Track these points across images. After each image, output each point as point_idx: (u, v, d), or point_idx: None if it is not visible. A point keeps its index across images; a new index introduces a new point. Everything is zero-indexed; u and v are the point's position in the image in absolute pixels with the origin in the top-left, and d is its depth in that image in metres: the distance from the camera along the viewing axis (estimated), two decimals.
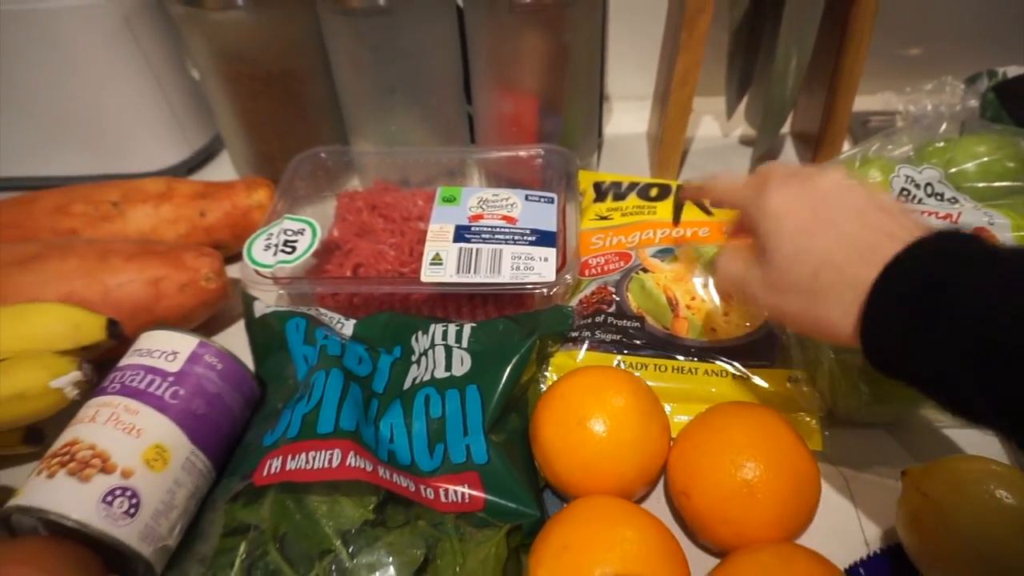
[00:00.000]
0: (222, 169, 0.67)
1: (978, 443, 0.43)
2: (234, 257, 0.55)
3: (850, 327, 0.31)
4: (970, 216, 0.46)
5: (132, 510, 0.35)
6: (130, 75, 0.59)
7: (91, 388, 0.41)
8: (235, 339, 0.48)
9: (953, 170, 0.50)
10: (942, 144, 0.52)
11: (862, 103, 0.67)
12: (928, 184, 0.48)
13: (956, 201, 0.48)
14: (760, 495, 0.35)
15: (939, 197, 0.48)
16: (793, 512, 0.36)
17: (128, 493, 0.35)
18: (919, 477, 0.37)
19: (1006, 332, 0.26)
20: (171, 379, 0.39)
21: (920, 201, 0.47)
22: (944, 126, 0.53)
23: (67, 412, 0.40)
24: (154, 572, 0.36)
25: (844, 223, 0.32)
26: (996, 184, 0.50)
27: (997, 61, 0.61)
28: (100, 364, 0.43)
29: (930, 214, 0.46)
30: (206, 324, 0.51)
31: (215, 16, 0.52)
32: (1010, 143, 0.51)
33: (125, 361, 0.40)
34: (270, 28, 0.54)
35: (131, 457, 0.36)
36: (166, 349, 0.40)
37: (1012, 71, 0.60)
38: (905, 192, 0.48)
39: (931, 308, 0.28)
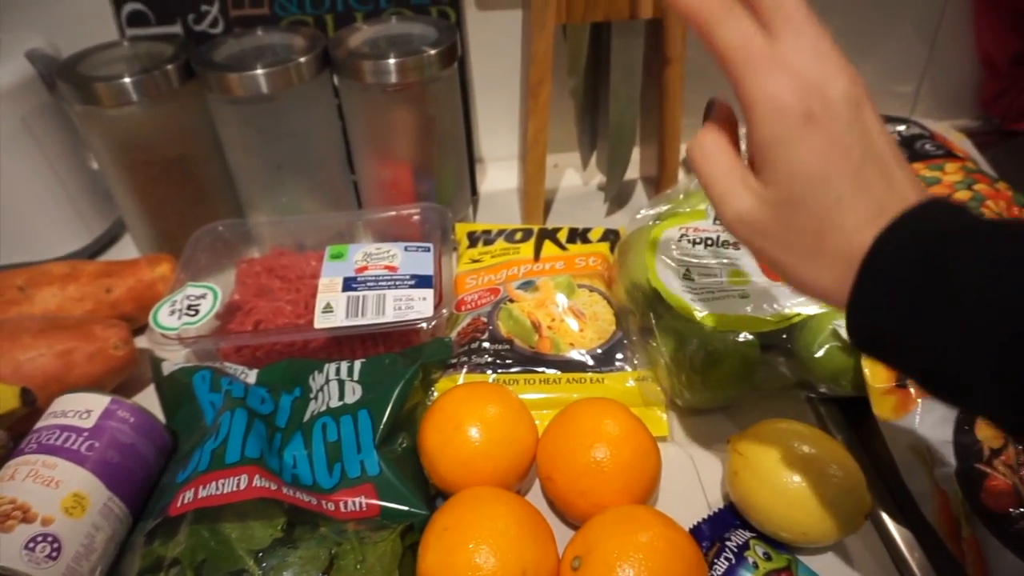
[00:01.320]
0: (124, 252, 0.71)
1: (793, 414, 0.52)
2: (140, 330, 0.59)
3: (843, 296, 0.29)
4: None
5: (54, 554, 0.39)
6: (29, 171, 0.64)
7: (8, 453, 0.44)
8: (145, 402, 0.52)
9: None
10: None
11: None
12: None
13: None
14: (607, 468, 0.42)
15: None
16: (637, 480, 0.43)
17: (49, 539, 0.39)
18: (736, 440, 0.45)
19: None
20: (86, 434, 0.43)
21: None
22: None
23: None
24: None
25: (867, 171, 0.28)
26: None
27: None
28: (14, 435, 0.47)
29: None
30: (116, 391, 0.55)
31: (111, 112, 0.58)
32: None
33: (41, 424, 0.44)
34: (163, 119, 0.60)
35: (50, 506, 0.40)
36: (79, 408, 0.45)
37: None
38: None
39: (932, 294, 0.26)
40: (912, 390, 0.46)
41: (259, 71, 0.56)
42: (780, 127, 0.29)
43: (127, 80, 0.56)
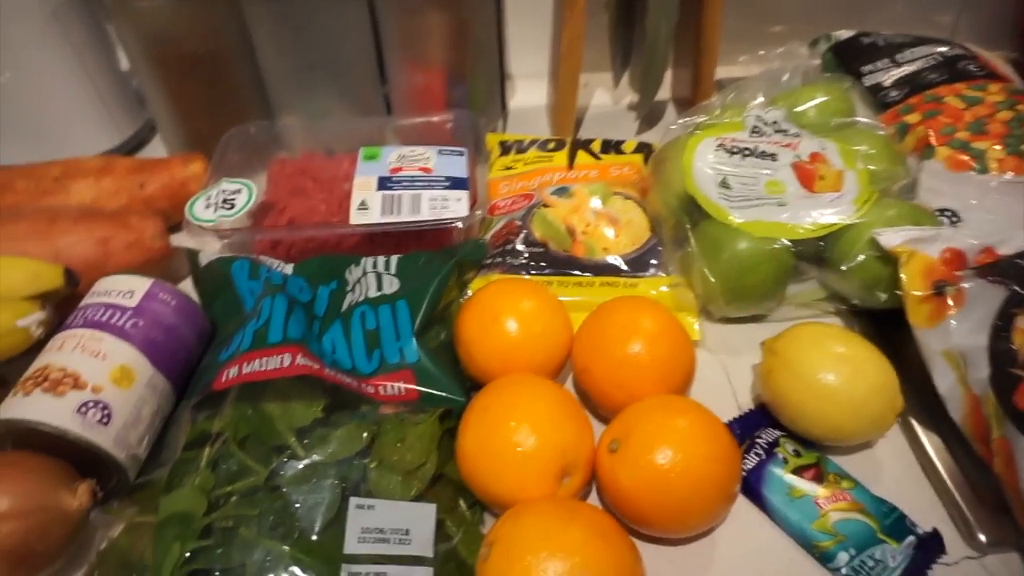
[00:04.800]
0: (155, 154, 0.70)
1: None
2: (173, 228, 0.59)
3: None
4: (807, 144, 0.56)
5: (105, 419, 0.40)
6: (59, 67, 0.63)
7: (54, 327, 0.45)
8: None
9: (797, 109, 0.60)
10: (786, 93, 0.62)
11: (731, 71, 0.78)
12: (775, 122, 0.58)
13: (798, 135, 0.57)
14: (644, 360, 0.43)
15: (784, 132, 0.58)
16: (673, 373, 0.44)
17: (100, 405, 0.40)
18: (771, 341, 0.46)
19: None
20: (130, 312, 0.44)
21: (768, 135, 0.57)
22: (786, 77, 0.63)
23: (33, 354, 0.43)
24: (127, 477, 0.41)
25: None
26: (830, 120, 0.60)
27: (834, 27, 0.72)
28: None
29: (776, 143, 0.56)
30: None
31: (141, 3, 0.57)
32: (838, 87, 0.61)
33: (86, 302, 0.45)
34: (194, 13, 0.58)
35: (99, 376, 0.41)
36: (123, 289, 0.45)
37: (844, 34, 0.71)
38: (756, 129, 0.57)
39: None
40: (949, 298, 0.46)
41: None
42: None
43: None
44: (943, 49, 0.64)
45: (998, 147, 0.55)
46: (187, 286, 0.53)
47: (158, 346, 0.44)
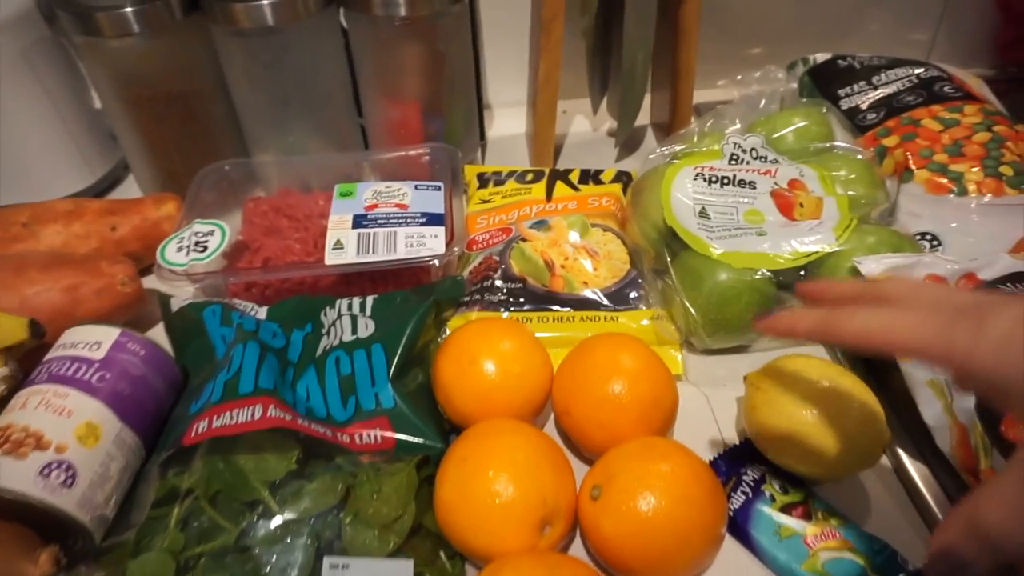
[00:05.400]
0: (128, 193, 0.70)
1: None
2: (145, 270, 0.58)
3: None
4: (785, 171, 0.56)
5: (69, 481, 0.39)
6: (30, 108, 0.62)
7: (17, 383, 0.44)
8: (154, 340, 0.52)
9: (775, 135, 0.60)
10: (764, 118, 0.62)
11: (710, 95, 0.78)
12: (753, 148, 0.58)
13: (776, 161, 0.57)
14: (625, 401, 0.42)
15: (763, 159, 0.57)
16: (655, 413, 0.43)
17: (64, 465, 0.39)
18: (754, 375, 0.45)
19: None
20: (96, 365, 0.43)
21: (746, 162, 0.57)
22: (763, 103, 0.63)
23: None
24: (92, 540, 0.39)
25: None
26: (808, 145, 0.60)
27: (810, 51, 0.72)
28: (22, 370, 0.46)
29: (755, 171, 0.56)
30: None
31: (113, 43, 0.56)
32: (816, 112, 0.61)
33: (50, 355, 0.44)
34: (166, 52, 0.58)
35: (64, 434, 0.39)
36: (89, 340, 0.44)
37: (820, 57, 0.71)
38: (734, 156, 0.57)
39: None
40: None
41: (265, 1, 0.55)
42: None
43: (128, 10, 0.55)
44: (919, 71, 0.64)
45: (976, 169, 0.55)
46: (160, 329, 0.52)
47: (126, 399, 0.43)
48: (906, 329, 0.29)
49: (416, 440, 0.43)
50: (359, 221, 0.53)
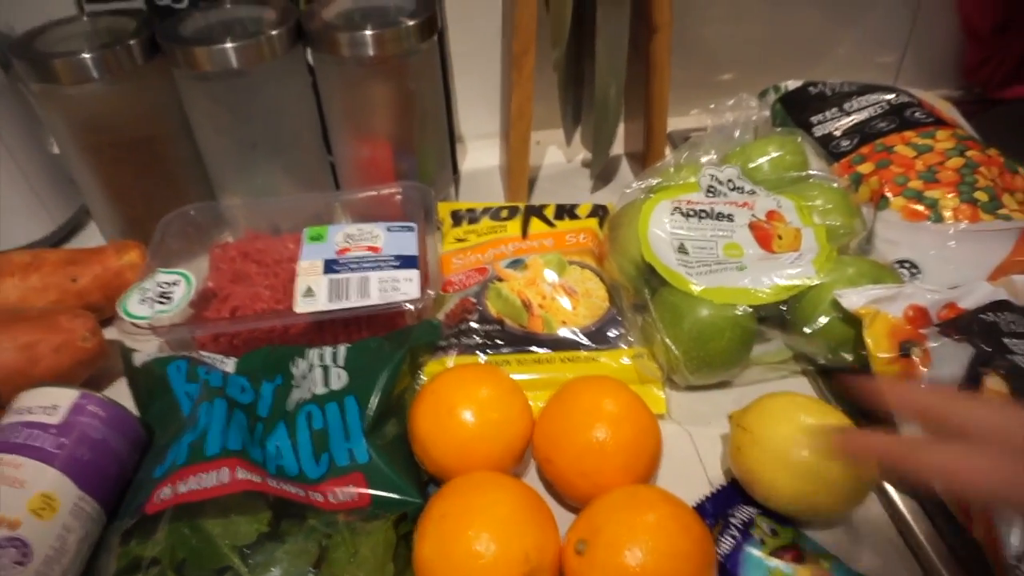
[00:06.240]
0: (90, 240, 0.68)
1: (791, 388, 0.51)
2: (108, 321, 0.56)
3: None
4: (762, 202, 0.55)
5: (23, 559, 0.36)
6: None
7: None
8: (117, 397, 0.49)
9: (751, 165, 0.60)
10: (739, 148, 0.62)
11: (683, 123, 0.78)
12: (729, 180, 0.57)
13: (753, 192, 0.57)
14: (609, 448, 0.41)
15: (740, 190, 0.57)
16: (639, 458, 0.41)
17: (17, 543, 0.37)
18: (739, 415, 0.44)
19: None
20: (53, 431, 0.41)
21: (724, 194, 0.56)
22: (738, 132, 0.63)
23: None
24: None
25: None
26: (784, 175, 0.59)
27: (781, 75, 0.73)
28: None
29: (732, 203, 0.55)
30: (85, 385, 0.52)
31: (71, 91, 0.54)
32: (791, 141, 0.61)
33: (3, 421, 0.41)
34: (127, 97, 0.56)
35: (17, 508, 0.37)
36: (45, 404, 0.42)
37: (792, 84, 0.71)
38: (711, 189, 0.56)
39: None
40: (916, 359, 0.45)
41: (228, 45, 0.53)
42: None
43: (87, 56, 0.53)
44: (889, 97, 0.65)
45: (951, 195, 0.55)
46: (122, 386, 0.50)
47: (85, 465, 0.40)
48: (984, 476, 0.27)
49: (393, 496, 0.41)
50: (330, 266, 0.52)
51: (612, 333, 0.51)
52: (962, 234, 0.53)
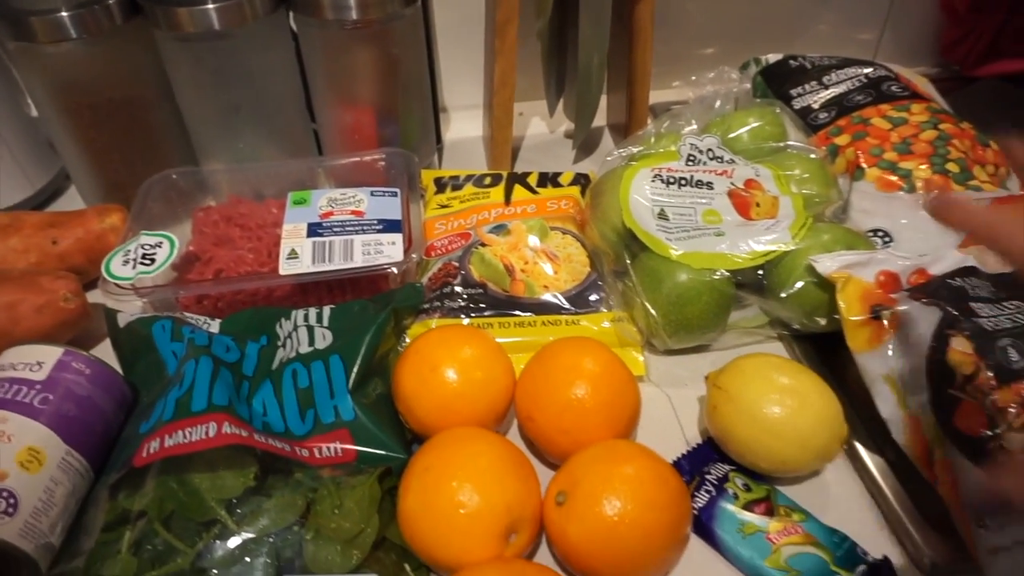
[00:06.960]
0: (70, 205, 0.67)
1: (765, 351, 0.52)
2: (90, 285, 0.56)
3: None
4: (741, 171, 0.56)
5: (10, 510, 0.37)
6: None
7: None
8: (101, 356, 0.50)
9: (731, 136, 0.61)
10: (719, 119, 0.63)
11: (665, 95, 0.78)
12: (709, 149, 0.58)
13: (733, 161, 0.57)
14: (589, 405, 0.42)
15: (719, 160, 0.58)
16: (618, 416, 0.43)
17: (4, 494, 0.37)
18: (715, 375, 0.45)
19: None
20: (38, 387, 0.41)
21: (703, 163, 0.57)
22: (718, 103, 0.63)
23: None
24: (38, 569, 0.38)
25: None
26: (763, 145, 0.60)
27: (762, 51, 0.73)
28: None
29: (712, 172, 0.56)
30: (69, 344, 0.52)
31: (48, 49, 0.54)
32: (770, 112, 0.62)
33: None
34: (106, 58, 0.56)
35: (4, 461, 0.38)
36: (30, 360, 0.42)
37: (772, 58, 0.72)
38: (691, 157, 0.57)
39: None
40: (885, 321, 0.46)
41: (210, 5, 0.53)
42: None
43: (64, 14, 0.52)
44: (868, 71, 0.66)
45: (924, 167, 0.56)
46: (106, 348, 0.50)
47: (71, 421, 0.41)
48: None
49: (377, 451, 0.42)
50: (314, 230, 0.52)
51: (593, 297, 0.52)
52: None
